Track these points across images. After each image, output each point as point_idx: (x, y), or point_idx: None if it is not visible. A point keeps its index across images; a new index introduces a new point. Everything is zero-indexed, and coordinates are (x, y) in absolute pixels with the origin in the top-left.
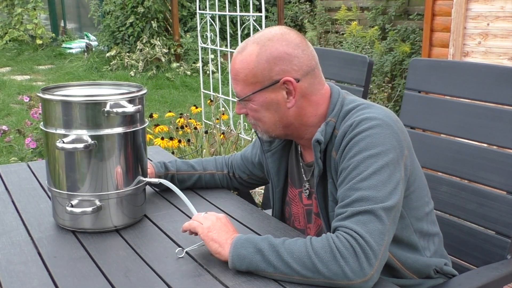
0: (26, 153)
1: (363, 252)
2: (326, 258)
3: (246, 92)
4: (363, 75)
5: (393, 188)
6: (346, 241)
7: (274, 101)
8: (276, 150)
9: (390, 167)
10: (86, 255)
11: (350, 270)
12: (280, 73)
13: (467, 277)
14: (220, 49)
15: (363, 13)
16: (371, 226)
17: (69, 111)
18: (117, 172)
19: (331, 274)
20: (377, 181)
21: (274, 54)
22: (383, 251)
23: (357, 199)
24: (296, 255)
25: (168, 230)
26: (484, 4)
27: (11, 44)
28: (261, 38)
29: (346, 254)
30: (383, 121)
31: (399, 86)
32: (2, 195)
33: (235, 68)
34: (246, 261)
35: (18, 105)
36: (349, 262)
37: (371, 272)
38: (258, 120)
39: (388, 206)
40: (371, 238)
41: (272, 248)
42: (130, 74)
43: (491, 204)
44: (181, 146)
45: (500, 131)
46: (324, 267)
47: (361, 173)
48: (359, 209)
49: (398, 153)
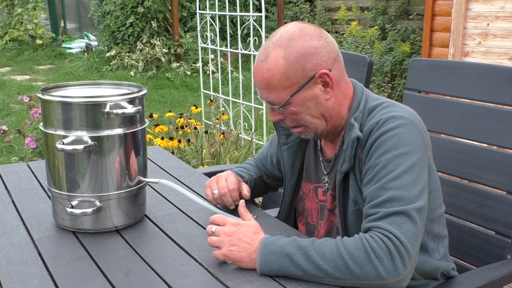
0: (26, 153)
1: (398, 253)
2: (360, 259)
3: (283, 98)
4: (363, 75)
5: (422, 188)
6: (381, 241)
7: (312, 97)
8: (293, 144)
9: (418, 166)
10: (86, 255)
11: (384, 270)
12: (313, 69)
13: (467, 277)
14: (220, 49)
15: (363, 13)
16: (405, 228)
17: (69, 112)
18: (117, 172)
19: (364, 274)
20: (407, 180)
21: (301, 52)
22: (416, 252)
23: (388, 199)
24: (328, 257)
25: (168, 230)
26: (484, 4)
27: (11, 44)
28: (281, 40)
29: (381, 254)
30: (409, 120)
31: (399, 86)
32: (2, 195)
33: (264, 78)
34: (274, 266)
35: (18, 105)
36: (384, 262)
37: (404, 272)
38: (301, 121)
39: (419, 207)
40: (405, 239)
41: (301, 251)
42: (130, 74)
43: (491, 204)
44: (181, 146)
45: (500, 131)
46: (358, 267)
47: (391, 172)
48: (392, 210)
49: (423, 153)
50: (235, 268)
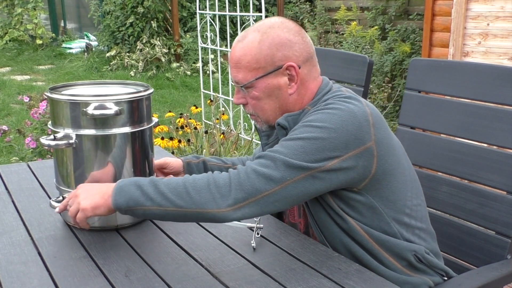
0: (26, 153)
1: (239, 185)
2: (200, 186)
3: (248, 79)
4: (363, 75)
5: (310, 161)
6: (228, 174)
7: (276, 87)
8: (273, 143)
9: (324, 143)
10: (86, 255)
11: (221, 196)
12: (282, 59)
13: (467, 277)
14: (220, 49)
15: (363, 13)
16: (262, 168)
17: (77, 111)
18: (124, 170)
19: (203, 201)
20: (298, 145)
21: (276, 40)
22: (262, 195)
23: (269, 151)
24: (172, 186)
25: (168, 230)
26: (484, 4)
27: (11, 44)
28: (261, 26)
29: (221, 183)
30: (349, 109)
31: (399, 86)
32: (2, 195)
33: (236, 56)
34: (126, 196)
35: (18, 105)
36: (221, 189)
37: (239, 203)
38: (259, 109)
39: (292, 163)
40: (255, 176)
41: (152, 183)
42: (130, 74)
43: (491, 204)
44: (181, 146)
45: (500, 131)
46: (197, 194)
47: (291, 136)
48: (263, 153)
49: (351, 141)
50: (235, 268)
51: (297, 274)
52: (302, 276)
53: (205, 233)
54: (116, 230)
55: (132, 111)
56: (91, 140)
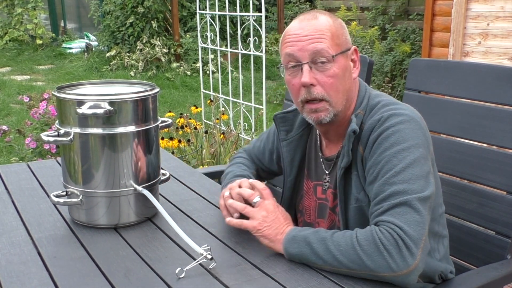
0: (26, 153)
1: (404, 244)
2: (370, 251)
3: (334, 51)
4: (363, 75)
5: (426, 180)
6: (388, 234)
7: (348, 68)
8: (292, 139)
9: (421, 160)
10: (86, 255)
11: (394, 262)
12: (349, 41)
13: (467, 277)
14: (220, 49)
15: (363, 13)
16: (408, 217)
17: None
18: (131, 169)
19: (376, 266)
20: (411, 174)
21: (342, 24)
22: (424, 240)
23: (392, 193)
24: (343, 248)
25: (168, 230)
26: (484, 4)
27: (11, 44)
28: (320, 12)
29: (389, 246)
30: (411, 116)
31: (399, 86)
32: (2, 195)
33: (317, 29)
34: (297, 250)
35: (18, 105)
36: (393, 254)
37: (414, 261)
38: (334, 90)
39: (423, 197)
40: (409, 228)
41: (321, 242)
42: (130, 74)
43: (491, 204)
44: (181, 146)
45: (500, 131)
46: (369, 259)
47: (394, 167)
48: (395, 202)
49: (426, 148)
50: (235, 268)
51: (297, 274)
52: (302, 276)
53: (205, 233)
54: (115, 230)
55: (137, 110)
56: (96, 139)
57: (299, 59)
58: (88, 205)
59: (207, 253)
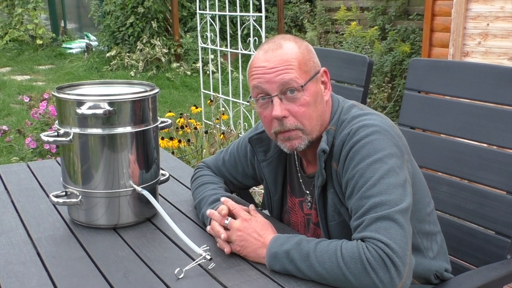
0: (26, 153)
1: (392, 263)
2: (356, 271)
3: (302, 80)
4: (363, 75)
5: (403, 190)
6: (375, 251)
7: (319, 92)
8: (272, 159)
9: (396, 170)
10: (85, 255)
11: (381, 282)
12: (317, 65)
13: (467, 277)
14: (220, 49)
15: (363, 13)
16: (393, 233)
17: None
18: (131, 169)
19: (362, 286)
20: (387, 185)
21: (308, 48)
22: (409, 255)
23: (371, 206)
24: (328, 266)
25: (168, 230)
26: (484, 4)
27: (11, 44)
28: (286, 37)
29: (376, 266)
30: (380, 127)
31: (399, 86)
32: (2, 195)
33: (283, 59)
34: (280, 266)
35: (18, 105)
36: (379, 274)
37: (401, 280)
38: (307, 118)
39: (402, 209)
40: (396, 246)
41: (305, 258)
42: (130, 74)
43: (491, 204)
44: (181, 146)
45: (500, 131)
46: (355, 279)
47: (369, 180)
48: (376, 216)
49: (399, 157)
50: (234, 268)
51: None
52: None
53: (204, 233)
54: (115, 230)
55: (136, 110)
56: (95, 139)
57: (268, 92)
58: (87, 205)
59: (206, 254)
